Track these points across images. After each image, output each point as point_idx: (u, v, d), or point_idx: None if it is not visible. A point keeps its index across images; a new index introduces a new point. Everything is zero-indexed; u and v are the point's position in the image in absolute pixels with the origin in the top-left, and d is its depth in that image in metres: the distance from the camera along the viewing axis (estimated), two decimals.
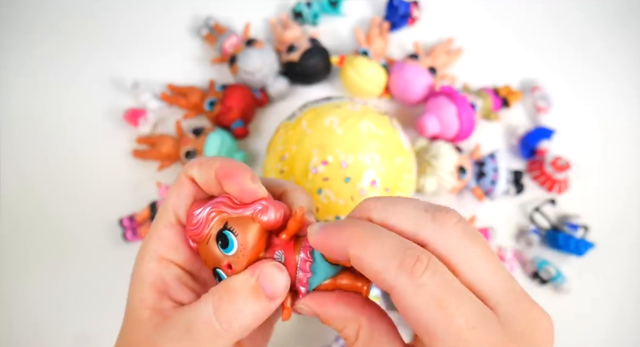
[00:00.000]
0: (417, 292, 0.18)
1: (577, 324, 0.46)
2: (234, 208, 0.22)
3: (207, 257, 0.23)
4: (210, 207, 0.23)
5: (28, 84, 0.55)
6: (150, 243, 0.24)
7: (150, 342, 0.22)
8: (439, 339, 0.18)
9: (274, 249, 0.23)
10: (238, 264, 0.22)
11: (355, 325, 0.21)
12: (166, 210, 0.24)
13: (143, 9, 0.59)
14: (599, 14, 0.60)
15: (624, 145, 0.54)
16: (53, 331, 0.45)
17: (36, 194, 0.50)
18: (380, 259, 0.19)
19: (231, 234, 0.22)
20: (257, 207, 0.22)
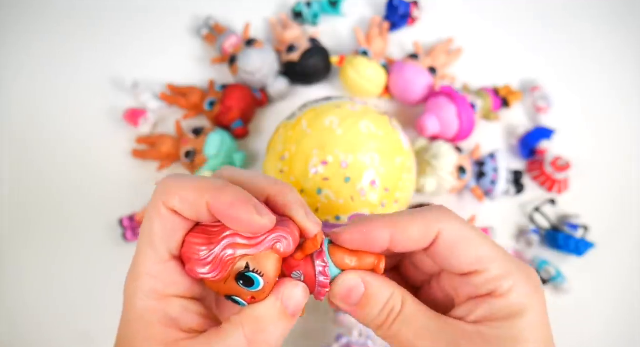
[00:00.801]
0: (461, 226, 0.22)
1: (577, 324, 0.46)
2: (250, 245, 0.21)
3: (221, 290, 0.22)
4: (223, 247, 0.21)
5: (28, 84, 0.56)
6: (143, 283, 0.22)
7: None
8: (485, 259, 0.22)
9: (291, 270, 0.23)
10: (262, 296, 0.22)
11: (399, 294, 0.23)
12: (152, 245, 0.22)
13: (143, 9, 0.59)
14: (599, 14, 0.60)
15: (624, 145, 0.54)
16: (53, 331, 0.45)
17: (36, 194, 0.50)
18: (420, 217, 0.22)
19: (257, 276, 0.21)
20: (274, 240, 0.21)
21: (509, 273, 0.22)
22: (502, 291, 0.22)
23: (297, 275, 0.23)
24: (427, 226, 0.22)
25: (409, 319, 0.22)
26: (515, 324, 0.21)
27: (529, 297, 0.22)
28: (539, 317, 0.22)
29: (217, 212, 0.21)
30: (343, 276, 0.23)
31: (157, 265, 0.22)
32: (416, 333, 0.22)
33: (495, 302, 0.22)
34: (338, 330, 0.42)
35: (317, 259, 0.23)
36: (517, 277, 0.22)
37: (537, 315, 0.22)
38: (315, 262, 0.23)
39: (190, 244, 0.22)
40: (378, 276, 0.23)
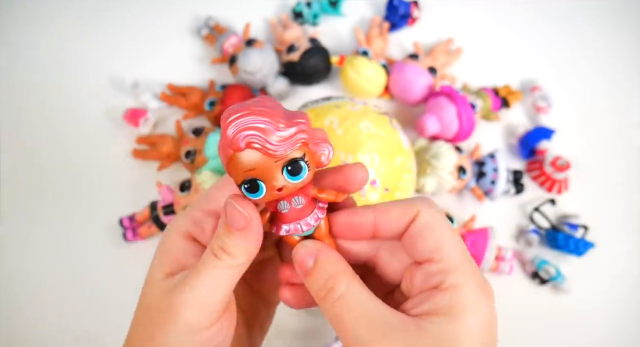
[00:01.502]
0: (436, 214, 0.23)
1: (577, 324, 0.46)
2: (313, 141, 0.23)
3: (259, 168, 0.22)
4: (299, 130, 0.22)
5: (28, 84, 0.56)
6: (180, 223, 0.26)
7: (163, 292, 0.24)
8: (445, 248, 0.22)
9: (298, 193, 0.24)
10: (288, 191, 0.23)
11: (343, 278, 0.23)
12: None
13: (143, 9, 0.60)
14: (599, 14, 0.60)
15: (623, 146, 0.54)
16: (53, 331, 0.45)
17: (36, 194, 0.50)
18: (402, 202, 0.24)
19: (307, 169, 0.23)
20: (326, 151, 0.23)
21: (461, 269, 0.22)
22: (449, 285, 0.21)
23: (298, 201, 0.24)
24: (407, 208, 0.24)
25: (350, 303, 0.23)
26: (454, 321, 0.21)
27: (476, 299, 0.21)
28: (482, 322, 0.21)
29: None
30: (306, 240, 0.24)
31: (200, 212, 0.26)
32: (354, 318, 0.22)
33: (440, 295, 0.22)
34: None
35: (318, 210, 0.25)
36: (468, 276, 0.22)
37: (481, 319, 0.21)
38: (315, 210, 0.25)
39: (265, 114, 0.22)
40: (332, 253, 0.24)
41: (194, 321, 0.24)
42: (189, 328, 0.24)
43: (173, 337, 0.23)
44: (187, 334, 0.24)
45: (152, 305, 0.25)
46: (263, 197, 0.23)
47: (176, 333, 0.23)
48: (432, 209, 0.23)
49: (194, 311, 0.24)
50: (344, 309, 0.23)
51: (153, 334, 0.24)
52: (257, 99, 0.23)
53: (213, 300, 0.24)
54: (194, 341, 0.24)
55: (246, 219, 0.23)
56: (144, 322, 0.25)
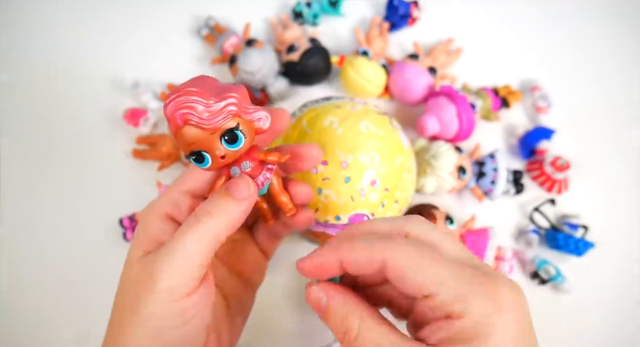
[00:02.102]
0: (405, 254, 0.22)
1: (577, 324, 0.46)
2: (245, 111, 0.26)
3: (197, 142, 0.25)
4: (229, 103, 0.25)
5: (28, 84, 0.56)
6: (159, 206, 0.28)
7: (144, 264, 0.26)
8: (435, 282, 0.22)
9: (245, 158, 0.27)
10: (230, 158, 0.26)
11: (357, 316, 0.23)
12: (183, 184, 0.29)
13: (143, 9, 0.59)
14: (599, 14, 0.60)
15: (623, 146, 0.54)
16: (53, 331, 0.45)
17: (36, 194, 0.50)
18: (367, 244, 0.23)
19: (242, 135, 0.25)
20: (262, 116, 0.26)
21: (460, 295, 0.21)
22: (458, 313, 0.21)
23: (246, 165, 0.27)
24: (371, 255, 0.23)
25: (367, 341, 0.22)
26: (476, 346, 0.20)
27: (489, 317, 0.21)
28: (506, 338, 0.21)
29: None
30: (312, 286, 0.25)
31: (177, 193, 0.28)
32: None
33: (454, 323, 0.21)
34: None
35: (266, 171, 0.28)
36: (473, 296, 0.21)
37: (503, 336, 0.21)
38: (263, 171, 0.28)
39: (196, 94, 0.24)
40: (340, 293, 0.24)
41: (172, 288, 0.25)
42: (169, 296, 0.25)
43: (153, 305, 0.25)
44: (167, 302, 0.25)
45: (132, 279, 0.26)
46: (210, 166, 0.26)
47: (156, 301, 0.25)
48: (400, 249, 0.22)
49: (172, 277, 0.25)
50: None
51: (136, 305, 0.25)
52: (193, 79, 0.26)
53: (190, 265, 0.25)
54: (174, 308, 0.25)
55: (249, 190, 0.26)
56: (125, 297, 0.26)
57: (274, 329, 0.44)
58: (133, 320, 0.25)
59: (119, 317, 0.26)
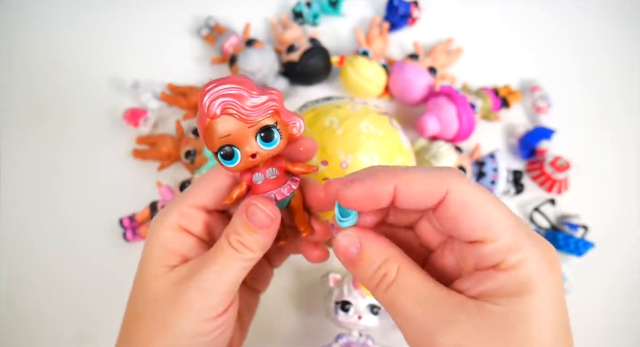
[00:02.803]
0: (471, 188, 0.21)
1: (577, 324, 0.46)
2: (284, 112, 0.24)
3: (231, 135, 0.23)
4: (270, 98, 0.23)
5: (28, 84, 0.56)
6: (169, 217, 0.26)
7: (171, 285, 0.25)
8: (497, 226, 0.20)
9: (271, 165, 0.26)
10: (261, 158, 0.24)
11: (395, 261, 0.22)
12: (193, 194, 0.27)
13: (143, 9, 0.60)
14: (599, 14, 0.60)
15: (623, 146, 0.54)
16: (53, 331, 0.45)
17: (36, 194, 0.50)
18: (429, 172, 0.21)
19: (278, 136, 0.24)
20: (297, 123, 0.25)
21: (520, 245, 0.20)
22: (510, 264, 0.20)
23: (271, 172, 0.26)
24: (435, 183, 0.21)
25: (405, 287, 0.21)
26: (521, 302, 0.19)
27: (541, 274, 0.19)
28: (550, 298, 0.19)
29: None
30: (342, 232, 0.24)
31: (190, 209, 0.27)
32: (411, 302, 0.21)
33: (501, 276, 0.20)
34: (338, 330, 0.42)
35: (291, 182, 0.26)
36: (529, 250, 0.20)
37: (548, 295, 0.19)
38: (288, 182, 0.26)
39: (240, 82, 0.23)
40: (376, 238, 0.23)
41: (206, 309, 0.24)
42: (202, 316, 0.24)
43: (186, 324, 0.24)
44: (200, 322, 0.24)
45: (160, 296, 0.25)
46: (238, 164, 0.24)
47: (189, 321, 0.24)
48: (465, 183, 0.21)
49: (207, 299, 0.24)
50: (400, 294, 0.21)
51: (167, 321, 0.24)
52: (231, 75, 0.24)
53: (226, 290, 0.25)
54: (205, 328, 0.25)
55: (270, 218, 0.25)
56: (150, 314, 0.25)
57: (274, 329, 0.44)
58: (161, 336, 0.24)
59: (141, 334, 0.25)
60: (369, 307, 0.40)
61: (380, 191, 0.22)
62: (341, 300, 0.40)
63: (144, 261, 0.26)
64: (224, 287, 0.25)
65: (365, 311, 0.39)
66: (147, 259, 0.26)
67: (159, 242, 0.26)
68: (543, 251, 0.20)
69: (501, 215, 0.20)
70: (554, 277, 0.20)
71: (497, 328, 0.19)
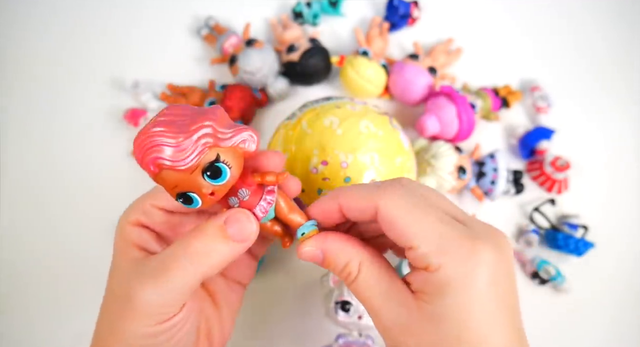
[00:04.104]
0: (397, 203, 0.23)
1: (577, 324, 0.46)
2: (222, 139, 0.22)
3: (181, 183, 0.22)
4: (198, 136, 0.22)
5: (28, 84, 0.56)
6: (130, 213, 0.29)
7: (127, 280, 0.26)
8: (418, 235, 0.23)
9: (240, 186, 0.25)
10: (221, 192, 0.23)
11: (357, 261, 0.25)
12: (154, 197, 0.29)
13: (143, 9, 0.60)
14: (599, 14, 0.60)
15: (623, 146, 0.54)
16: (52, 331, 0.45)
17: (36, 194, 0.50)
18: (364, 191, 0.25)
19: (226, 167, 0.23)
20: (242, 139, 0.23)
21: (439, 250, 0.22)
22: (434, 267, 0.22)
23: (243, 193, 0.25)
24: (365, 201, 0.24)
25: (364, 282, 0.25)
26: (441, 302, 0.22)
27: (460, 276, 0.22)
28: (470, 299, 0.21)
29: None
30: (303, 245, 0.26)
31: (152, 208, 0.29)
32: (371, 295, 0.25)
33: (430, 276, 0.22)
34: (338, 330, 0.42)
35: (267, 194, 0.25)
36: (450, 255, 0.22)
37: (467, 296, 0.21)
38: (263, 195, 0.25)
39: (161, 134, 0.21)
40: (337, 242, 0.26)
41: (153, 315, 0.25)
42: (148, 321, 0.25)
43: (138, 325, 0.25)
44: (146, 326, 0.25)
45: (118, 294, 0.26)
46: (202, 206, 0.23)
47: (140, 323, 0.25)
48: (393, 199, 0.24)
49: (156, 307, 0.25)
50: (361, 289, 0.25)
51: (120, 322, 0.25)
52: (161, 112, 0.23)
53: (174, 297, 0.25)
54: (156, 329, 0.25)
55: (252, 233, 0.25)
56: (108, 310, 0.27)
57: (274, 329, 0.44)
58: (115, 337, 0.25)
59: (101, 332, 0.26)
60: None
61: (329, 208, 0.26)
62: (341, 300, 0.40)
63: (112, 255, 0.29)
64: (172, 295, 0.25)
65: (365, 311, 0.39)
66: (113, 252, 0.29)
67: (122, 236, 0.28)
68: (466, 249, 0.22)
69: (423, 226, 0.23)
70: (481, 272, 0.22)
71: (428, 322, 0.22)
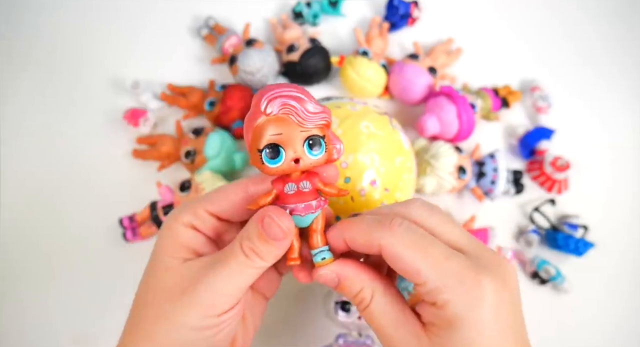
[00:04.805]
0: (398, 241, 0.24)
1: (577, 324, 0.46)
2: (331, 131, 0.26)
3: (282, 134, 0.24)
4: (324, 110, 0.24)
5: (28, 84, 0.56)
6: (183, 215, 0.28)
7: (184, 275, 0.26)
8: (422, 273, 0.23)
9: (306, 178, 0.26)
10: (303, 166, 0.25)
11: (370, 289, 0.26)
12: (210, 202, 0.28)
13: (143, 9, 0.59)
14: (599, 14, 0.60)
15: (623, 145, 0.54)
16: (53, 331, 0.45)
17: (36, 194, 0.50)
18: (366, 228, 0.25)
19: (324, 148, 0.25)
20: (338, 146, 0.26)
21: (444, 287, 0.23)
22: (440, 304, 0.23)
23: (305, 185, 0.26)
24: (370, 240, 0.25)
25: (376, 310, 0.26)
26: (450, 336, 0.23)
27: (466, 311, 0.23)
28: (478, 332, 0.22)
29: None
30: (320, 269, 0.27)
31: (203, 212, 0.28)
32: (382, 324, 0.26)
33: (438, 312, 0.23)
34: (338, 330, 0.42)
35: (320, 200, 0.26)
36: (454, 291, 0.23)
37: (474, 330, 0.22)
38: (318, 198, 0.26)
39: (302, 91, 0.24)
40: (353, 270, 0.26)
41: (213, 305, 0.26)
42: (207, 312, 0.26)
43: (190, 318, 0.25)
44: (204, 317, 0.26)
45: (170, 287, 0.26)
46: (280, 165, 0.24)
47: (194, 315, 0.25)
48: (394, 238, 0.24)
49: (215, 295, 0.26)
50: (373, 316, 0.26)
51: (173, 313, 0.25)
52: (291, 84, 0.25)
53: (233, 292, 0.26)
54: (208, 322, 0.26)
55: (284, 232, 0.25)
56: (157, 304, 0.26)
57: (274, 329, 0.44)
58: (164, 327, 0.26)
59: (147, 322, 0.26)
60: None
61: (336, 241, 0.27)
62: (341, 300, 0.40)
63: (156, 252, 0.28)
64: (231, 289, 0.26)
65: None
66: (159, 250, 0.28)
67: (172, 236, 0.28)
68: (470, 289, 0.23)
69: (424, 264, 0.23)
70: (486, 306, 0.23)
71: None
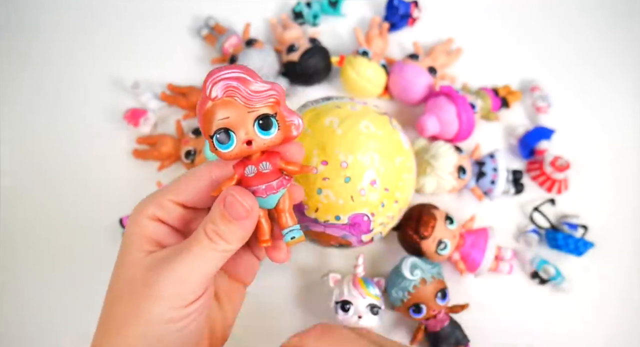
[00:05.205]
0: None
1: (577, 324, 0.46)
2: (284, 107, 0.25)
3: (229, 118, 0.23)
4: (271, 87, 0.24)
5: (29, 84, 0.56)
6: (148, 207, 0.28)
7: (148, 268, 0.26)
8: None
9: (265, 159, 0.26)
10: (257, 147, 0.24)
11: None
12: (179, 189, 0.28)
13: (143, 9, 0.60)
14: (599, 14, 0.60)
15: (623, 145, 0.54)
16: (52, 331, 0.45)
17: (37, 194, 0.50)
18: None
19: (276, 126, 0.24)
20: (296, 122, 0.25)
21: None
22: None
23: (265, 166, 0.26)
24: None
25: None
26: None
27: None
28: None
29: None
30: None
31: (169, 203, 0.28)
32: None
33: None
34: None
35: (283, 179, 0.26)
36: None
37: None
38: (280, 178, 0.26)
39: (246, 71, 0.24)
40: None
41: (176, 296, 0.25)
42: (173, 304, 0.25)
43: (157, 311, 0.25)
44: (170, 309, 0.25)
45: (135, 280, 0.26)
46: (232, 149, 0.24)
47: (160, 307, 0.25)
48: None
49: (178, 286, 0.25)
50: None
51: (139, 307, 0.25)
52: (236, 65, 0.24)
53: (198, 279, 0.25)
54: (175, 315, 0.25)
55: (247, 210, 0.25)
56: (125, 297, 0.26)
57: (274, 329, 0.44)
58: (133, 321, 0.25)
59: (117, 317, 0.26)
60: (368, 307, 0.40)
61: None
62: (341, 300, 0.40)
63: (122, 246, 0.28)
64: (196, 277, 0.25)
65: (365, 311, 0.40)
66: (125, 244, 0.28)
67: (137, 229, 0.27)
68: None
69: None
70: None
71: None
